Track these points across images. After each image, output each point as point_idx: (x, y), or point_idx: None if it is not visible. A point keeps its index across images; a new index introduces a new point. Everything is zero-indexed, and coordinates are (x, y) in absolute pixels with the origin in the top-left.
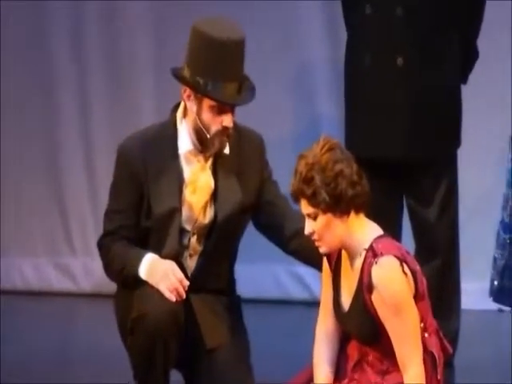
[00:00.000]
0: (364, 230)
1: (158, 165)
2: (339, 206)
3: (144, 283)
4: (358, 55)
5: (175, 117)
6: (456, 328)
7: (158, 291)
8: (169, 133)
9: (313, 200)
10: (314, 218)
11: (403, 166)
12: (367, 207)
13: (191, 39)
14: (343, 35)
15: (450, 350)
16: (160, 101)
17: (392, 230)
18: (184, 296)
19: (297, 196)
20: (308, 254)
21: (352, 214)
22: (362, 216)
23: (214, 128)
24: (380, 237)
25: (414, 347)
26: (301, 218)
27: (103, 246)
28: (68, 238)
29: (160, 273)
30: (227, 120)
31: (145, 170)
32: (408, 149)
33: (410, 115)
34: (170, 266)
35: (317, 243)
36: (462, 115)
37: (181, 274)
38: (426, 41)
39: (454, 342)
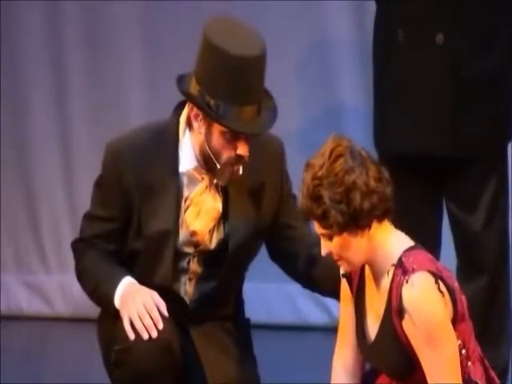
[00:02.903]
0: (391, 241)
1: (153, 179)
2: (356, 223)
3: None
4: (389, 31)
5: (178, 122)
6: (506, 358)
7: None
8: (169, 143)
9: (324, 221)
10: (330, 238)
11: (443, 163)
12: (392, 212)
13: (202, 49)
14: (371, 7)
15: (497, 381)
16: (152, 97)
17: (430, 240)
18: (154, 332)
19: (307, 216)
20: (331, 287)
21: (374, 224)
22: (386, 223)
23: (226, 156)
24: (410, 249)
25: (452, 382)
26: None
27: (77, 251)
28: (41, 251)
29: (131, 301)
30: (242, 148)
31: (137, 183)
32: (448, 144)
33: (451, 103)
34: (148, 293)
35: (337, 262)
36: None
37: (160, 302)
38: (473, 13)
39: (503, 374)
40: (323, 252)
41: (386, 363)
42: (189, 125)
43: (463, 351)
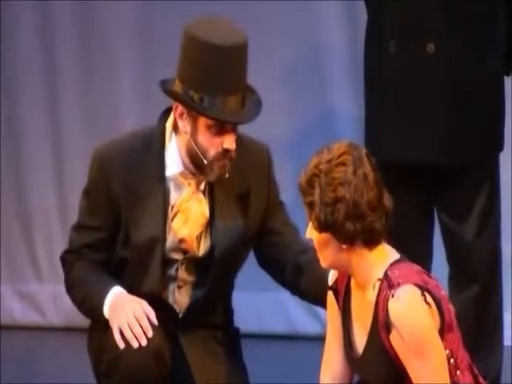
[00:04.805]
0: (376, 256)
1: (140, 186)
2: (334, 233)
3: None
4: (381, 41)
5: (164, 128)
6: (497, 367)
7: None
8: (155, 149)
9: (309, 210)
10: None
11: (433, 172)
12: (379, 243)
13: (182, 46)
14: (363, 16)
15: None
16: (144, 101)
17: (421, 250)
18: (144, 341)
19: (301, 192)
20: (318, 295)
21: (359, 245)
22: (373, 247)
23: (213, 151)
24: (396, 262)
25: None
26: (310, 250)
27: (66, 263)
28: (34, 262)
29: (121, 310)
30: (228, 141)
31: (124, 189)
32: (438, 152)
33: (441, 113)
34: (137, 302)
35: (317, 252)
36: (504, 113)
37: (149, 310)
38: (465, 23)
39: (494, 383)
40: (307, 235)
41: (374, 376)
42: (175, 129)
43: (451, 360)
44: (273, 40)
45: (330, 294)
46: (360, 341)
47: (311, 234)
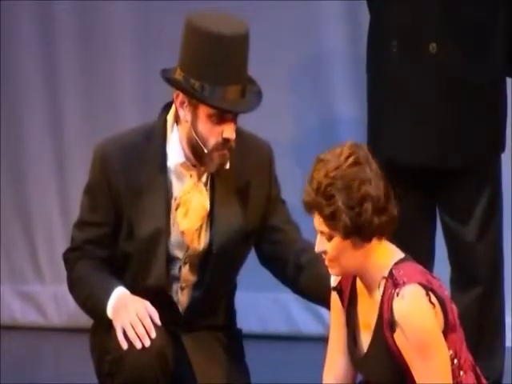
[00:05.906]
0: (382, 254)
1: (141, 179)
2: (361, 233)
3: None
4: (383, 42)
5: (165, 121)
6: (499, 369)
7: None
8: (157, 141)
9: (331, 221)
10: (329, 238)
11: (437, 175)
12: (392, 232)
13: (184, 35)
14: (365, 17)
15: None
16: (144, 99)
17: (424, 251)
18: (147, 341)
19: (311, 209)
20: (320, 294)
21: (374, 240)
22: (383, 240)
23: (213, 141)
24: (400, 261)
25: None
26: (311, 249)
27: (68, 261)
28: (34, 261)
29: (124, 310)
30: (228, 130)
31: (126, 184)
32: (440, 154)
33: (443, 113)
34: (141, 302)
35: (327, 263)
36: (506, 114)
37: (152, 311)
38: (466, 24)
39: None
40: (317, 249)
41: (377, 375)
42: (176, 120)
43: (455, 361)
44: (274, 42)
45: (335, 293)
46: (364, 340)
47: (323, 245)
